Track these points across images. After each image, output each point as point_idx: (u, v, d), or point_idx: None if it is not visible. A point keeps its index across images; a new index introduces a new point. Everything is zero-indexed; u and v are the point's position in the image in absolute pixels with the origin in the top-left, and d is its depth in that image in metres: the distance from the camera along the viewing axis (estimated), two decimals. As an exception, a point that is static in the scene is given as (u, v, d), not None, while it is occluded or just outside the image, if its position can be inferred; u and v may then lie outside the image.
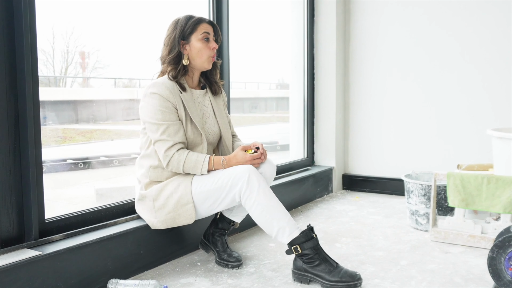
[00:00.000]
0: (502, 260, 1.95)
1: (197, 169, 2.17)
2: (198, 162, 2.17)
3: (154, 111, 2.15)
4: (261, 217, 2.12)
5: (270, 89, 9.47)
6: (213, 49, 2.27)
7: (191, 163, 2.16)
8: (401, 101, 3.87)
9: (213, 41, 2.28)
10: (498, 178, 2.48)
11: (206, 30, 2.26)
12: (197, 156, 2.18)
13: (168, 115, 2.16)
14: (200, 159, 2.17)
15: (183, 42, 2.25)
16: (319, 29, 4.02)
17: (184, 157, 2.15)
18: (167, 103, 2.16)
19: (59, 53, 4.93)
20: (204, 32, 2.25)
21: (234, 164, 2.20)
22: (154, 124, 2.15)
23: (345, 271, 2.07)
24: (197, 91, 2.35)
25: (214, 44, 2.27)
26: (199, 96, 2.35)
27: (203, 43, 2.25)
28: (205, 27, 2.26)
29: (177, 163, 2.15)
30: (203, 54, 2.25)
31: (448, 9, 3.62)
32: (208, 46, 2.26)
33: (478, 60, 3.53)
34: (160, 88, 2.16)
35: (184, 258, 2.47)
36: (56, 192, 4.36)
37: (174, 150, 2.15)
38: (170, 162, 2.15)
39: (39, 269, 1.81)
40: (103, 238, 2.08)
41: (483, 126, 3.44)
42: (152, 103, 2.16)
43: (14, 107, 1.87)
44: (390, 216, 3.28)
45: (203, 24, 2.26)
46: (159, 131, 2.14)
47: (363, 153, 4.09)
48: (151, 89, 2.17)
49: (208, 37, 2.26)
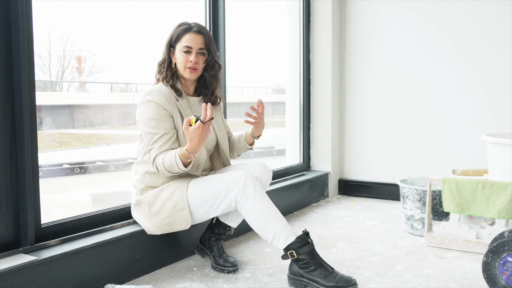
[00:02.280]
0: (497, 265, 1.96)
1: (175, 167, 2.09)
2: (171, 159, 2.09)
3: (149, 119, 2.15)
4: (257, 222, 2.13)
5: (267, 94, 9.49)
6: (190, 62, 2.23)
7: (168, 163, 2.10)
8: (396, 106, 3.89)
9: (195, 54, 2.24)
10: (493, 184, 2.50)
11: (188, 44, 2.23)
12: (170, 154, 2.11)
13: (163, 123, 2.16)
14: (172, 156, 2.09)
15: (172, 49, 2.28)
16: (315, 34, 4.04)
17: (162, 159, 2.12)
18: (163, 111, 2.16)
19: (55, 57, 4.94)
20: (185, 45, 2.23)
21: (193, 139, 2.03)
22: (149, 133, 2.16)
23: (341, 276, 2.07)
24: (193, 98, 2.36)
25: (194, 58, 2.23)
26: (195, 103, 2.36)
27: (183, 54, 2.24)
28: (189, 39, 2.23)
29: (160, 168, 2.13)
30: (181, 65, 2.25)
31: (444, 13, 3.64)
32: (187, 58, 2.23)
33: (474, 65, 3.55)
34: (157, 96, 2.17)
35: (180, 263, 2.47)
36: (52, 197, 4.35)
37: (157, 152, 2.15)
38: (157, 169, 2.15)
39: (35, 274, 1.81)
40: (99, 243, 2.08)
41: (478, 131, 3.46)
42: (148, 111, 2.16)
43: (10, 112, 1.87)
44: (386, 221, 3.29)
45: (188, 35, 2.24)
46: (152, 140, 2.15)
47: (359, 158, 4.10)
48: (147, 96, 2.18)
49: (189, 50, 2.23)
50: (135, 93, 6.57)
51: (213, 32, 3.04)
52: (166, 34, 2.34)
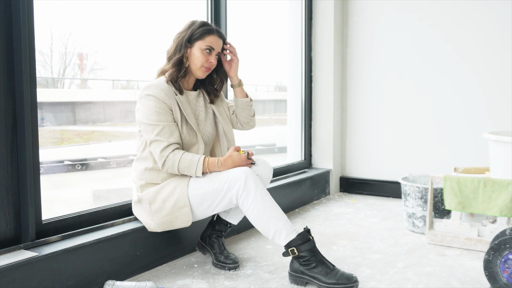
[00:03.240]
0: (498, 263, 1.95)
1: (191, 169, 2.15)
2: (193, 162, 2.15)
3: (149, 113, 2.15)
4: (258, 219, 2.12)
5: (268, 92, 9.48)
6: (210, 62, 2.26)
7: (186, 163, 2.15)
8: (398, 104, 3.88)
9: (214, 57, 2.27)
10: (495, 181, 2.49)
11: (211, 45, 2.25)
12: (192, 156, 2.16)
13: (163, 116, 2.16)
14: (194, 160, 2.15)
15: (188, 44, 2.26)
16: (317, 31, 4.03)
17: (179, 157, 2.14)
18: (162, 105, 2.16)
19: (57, 54, 4.93)
20: (209, 45, 2.24)
21: (230, 165, 2.19)
22: (150, 125, 2.15)
23: (342, 274, 2.07)
24: (191, 92, 2.35)
25: (214, 59, 2.27)
26: (193, 98, 2.36)
27: (203, 53, 2.24)
28: (213, 41, 2.25)
29: (172, 163, 2.14)
30: (198, 63, 2.25)
31: (445, 13, 3.63)
32: (207, 57, 2.25)
33: (475, 64, 3.55)
34: (155, 90, 2.16)
35: (181, 260, 2.47)
36: (53, 194, 4.35)
37: (169, 150, 2.14)
38: (165, 162, 2.14)
39: (35, 270, 1.81)
40: (100, 240, 2.08)
41: (480, 129, 3.45)
42: (148, 105, 2.16)
43: (11, 108, 1.87)
44: (387, 218, 3.28)
45: (212, 36, 2.26)
46: (154, 132, 2.14)
47: (361, 156, 4.10)
48: (146, 91, 2.17)
49: (211, 50, 2.25)
50: (137, 90, 6.56)
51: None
52: (167, 32, 2.32)
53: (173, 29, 2.36)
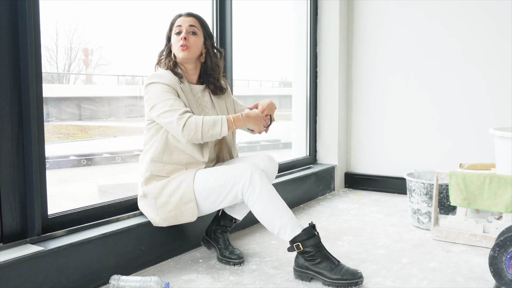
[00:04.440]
0: (504, 259, 1.95)
1: (216, 127, 2.13)
2: (217, 121, 2.14)
3: (157, 94, 2.16)
4: (263, 215, 2.13)
5: (273, 87, 9.46)
6: (181, 39, 2.27)
7: (210, 123, 2.12)
8: (403, 100, 3.87)
9: (185, 32, 2.28)
10: (500, 177, 2.48)
11: (178, 24, 2.30)
12: (213, 117, 2.16)
13: (172, 94, 2.17)
14: (217, 119, 2.15)
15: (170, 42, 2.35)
16: (322, 27, 4.02)
17: (201, 118, 2.12)
18: (169, 87, 2.17)
19: (62, 50, 4.94)
20: (176, 26, 2.31)
21: (252, 117, 2.23)
22: (160, 103, 2.14)
23: (347, 269, 2.07)
24: (196, 86, 2.36)
25: (184, 34, 2.27)
26: (198, 91, 2.36)
27: (174, 36, 2.30)
28: (178, 20, 2.32)
29: (194, 125, 2.09)
30: (175, 46, 2.30)
31: (449, 10, 3.62)
32: (177, 38, 2.29)
33: (480, 60, 3.53)
34: (160, 78, 2.19)
35: (186, 255, 2.48)
36: (59, 188, 4.38)
37: (188, 115, 2.11)
38: (186, 125, 2.08)
39: (41, 264, 1.82)
40: (106, 234, 2.08)
41: (486, 125, 3.44)
42: (155, 89, 2.17)
43: (17, 104, 1.87)
44: (392, 214, 3.28)
45: (178, 19, 2.32)
46: (168, 104, 2.12)
47: (366, 152, 4.09)
48: (151, 79, 2.20)
49: (180, 30, 2.29)
50: (142, 85, 6.57)
51: (220, 24, 3.03)
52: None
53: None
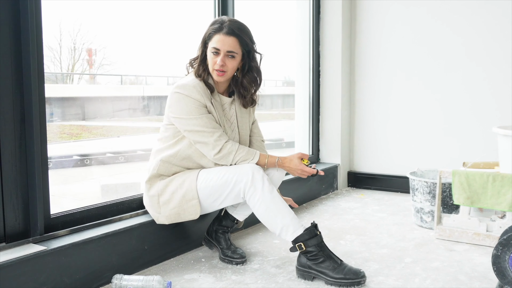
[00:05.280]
0: (507, 258, 1.94)
1: (248, 159, 2.17)
2: (250, 153, 2.18)
3: (189, 110, 2.13)
4: (265, 215, 2.13)
5: (276, 86, 9.45)
6: (217, 64, 2.17)
7: (243, 154, 2.17)
8: (406, 98, 3.86)
9: (222, 57, 2.16)
10: (504, 176, 2.47)
11: (216, 45, 2.17)
12: (248, 149, 2.20)
13: (203, 109, 2.16)
14: (251, 152, 2.19)
15: (206, 46, 2.24)
16: (325, 26, 4.01)
17: (236, 148, 2.16)
18: (200, 103, 2.15)
19: (66, 50, 4.95)
20: (213, 47, 2.17)
21: (286, 166, 2.23)
22: (193, 119, 2.14)
23: (349, 268, 2.07)
24: (225, 98, 2.32)
25: (220, 61, 2.16)
26: (226, 103, 2.33)
27: (211, 55, 2.19)
28: (217, 40, 2.17)
29: (228, 152, 2.15)
30: (210, 66, 2.22)
31: (452, 9, 3.61)
32: (214, 60, 2.18)
33: (483, 58, 3.52)
34: (190, 91, 2.14)
35: (189, 254, 2.48)
36: (62, 188, 4.39)
37: (224, 139, 2.16)
38: (222, 149, 2.14)
39: (44, 264, 1.83)
40: (108, 234, 2.09)
41: (489, 123, 3.42)
42: (185, 102, 2.14)
43: (20, 103, 1.88)
44: (395, 213, 3.27)
45: (217, 35, 2.17)
46: (201, 124, 2.13)
47: (369, 151, 4.08)
48: (180, 89, 2.15)
49: (217, 51, 2.17)
50: (145, 85, 6.58)
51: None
52: (175, 27, 2.32)
53: (181, 26, 2.35)
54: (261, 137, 2.54)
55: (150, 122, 5.73)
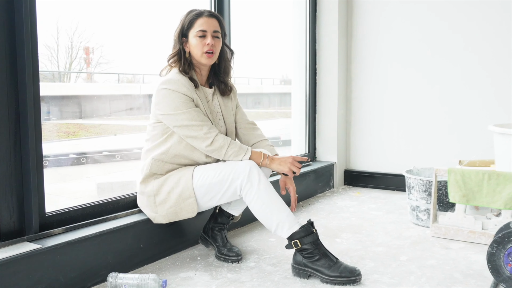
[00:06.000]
0: (502, 256, 1.94)
1: (239, 156, 2.16)
2: (242, 149, 2.17)
3: (176, 105, 2.13)
4: (261, 212, 2.13)
5: (274, 85, 9.45)
6: (207, 45, 2.21)
7: (235, 149, 2.16)
8: (402, 97, 3.86)
9: (210, 37, 2.21)
10: (499, 174, 2.48)
11: (202, 28, 2.20)
12: (240, 144, 2.19)
13: (190, 103, 2.16)
14: (243, 147, 2.18)
15: (184, 39, 2.25)
16: (321, 24, 4.01)
17: (228, 142, 2.15)
18: (187, 97, 2.15)
19: (63, 48, 4.94)
20: (199, 30, 2.20)
21: (276, 162, 2.20)
22: (181, 114, 2.13)
23: (345, 266, 2.07)
24: (207, 89, 2.33)
25: (210, 40, 2.21)
26: (209, 95, 2.33)
27: (198, 39, 2.21)
28: (202, 23, 2.21)
29: (220, 146, 2.14)
30: (198, 51, 2.22)
31: (450, 3, 3.60)
32: (203, 42, 2.20)
33: (479, 57, 3.52)
34: (177, 85, 2.14)
35: (184, 252, 2.48)
36: (58, 186, 4.38)
37: (215, 132, 2.15)
38: (213, 142, 2.14)
39: (39, 262, 1.82)
40: (104, 232, 2.09)
41: (485, 122, 3.42)
42: (172, 97, 2.13)
43: (14, 102, 1.87)
44: (391, 211, 3.28)
45: (200, 19, 2.22)
46: (189, 118, 2.13)
47: (365, 149, 4.08)
48: (166, 85, 2.15)
49: (204, 34, 2.21)
50: (142, 84, 6.58)
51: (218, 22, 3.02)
52: (173, 26, 2.31)
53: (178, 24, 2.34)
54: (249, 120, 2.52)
55: (147, 120, 5.77)
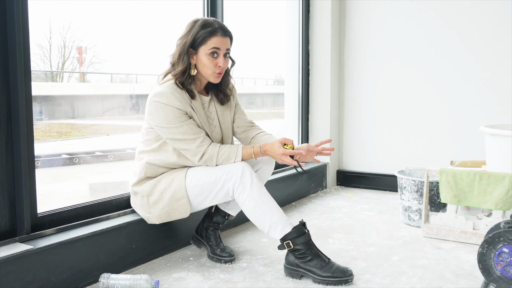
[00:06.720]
0: (492, 256, 1.96)
1: (230, 160, 2.16)
2: (232, 153, 2.16)
3: (169, 119, 2.10)
4: (254, 213, 2.13)
5: (267, 85, 9.46)
6: (219, 67, 2.16)
7: (225, 155, 2.15)
8: (396, 97, 3.88)
9: (222, 58, 2.16)
10: (490, 175, 2.49)
11: (216, 45, 2.14)
12: (229, 147, 2.17)
13: (183, 117, 2.13)
14: (233, 150, 2.17)
15: (192, 50, 2.16)
16: (314, 24, 4.02)
17: (217, 150, 2.15)
18: (180, 111, 2.12)
19: (56, 48, 4.92)
20: (213, 48, 2.14)
21: (269, 152, 2.17)
22: (174, 128, 2.11)
23: (337, 267, 2.08)
24: (204, 97, 2.30)
25: (222, 62, 2.16)
26: (205, 102, 2.31)
27: (210, 58, 2.15)
28: (216, 42, 2.14)
29: (210, 156, 2.14)
30: (208, 70, 2.17)
31: (442, 3, 3.60)
32: (214, 62, 2.15)
33: (471, 59, 3.53)
34: (169, 99, 2.09)
35: (177, 253, 2.48)
36: (50, 187, 4.37)
37: (206, 145, 2.14)
38: (203, 156, 2.13)
39: (31, 263, 1.82)
40: (96, 233, 2.08)
41: (477, 123, 3.44)
42: (165, 111, 2.10)
43: (6, 102, 1.87)
44: (383, 212, 3.29)
45: (214, 38, 2.14)
46: (181, 131, 2.11)
47: (358, 149, 4.10)
48: (159, 98, 2.10)
49: (216, 52, 2.15)
50: (135, 83, 6.57)
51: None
52: (167, 26, 2.27)
53: (171, 24, 2.31)
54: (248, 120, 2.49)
55: (140, 120, 5.76)
